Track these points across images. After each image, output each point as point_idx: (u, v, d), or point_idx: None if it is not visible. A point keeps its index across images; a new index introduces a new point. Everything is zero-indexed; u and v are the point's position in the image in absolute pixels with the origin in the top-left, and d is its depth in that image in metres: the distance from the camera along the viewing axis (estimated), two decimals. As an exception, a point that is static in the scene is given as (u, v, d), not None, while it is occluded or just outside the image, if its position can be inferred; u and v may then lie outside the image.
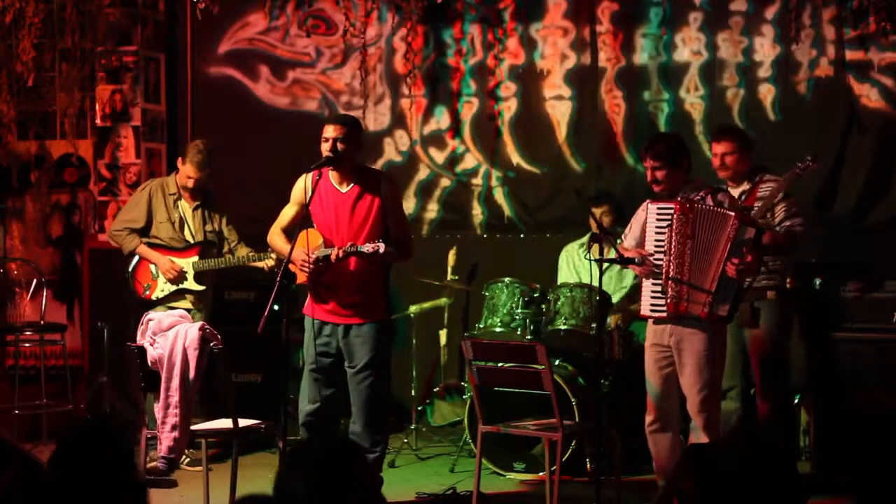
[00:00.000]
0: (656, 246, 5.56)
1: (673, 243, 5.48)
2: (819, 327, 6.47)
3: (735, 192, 6.16)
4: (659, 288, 5.52)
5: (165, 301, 6.94)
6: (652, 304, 5.57)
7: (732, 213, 5.43)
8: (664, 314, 5.53)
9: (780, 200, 6.18)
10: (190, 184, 6.99)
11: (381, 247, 5.55)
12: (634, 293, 7.09)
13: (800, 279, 6.50)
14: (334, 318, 5.79)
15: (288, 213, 5.95)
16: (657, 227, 5.56)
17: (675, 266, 5.47)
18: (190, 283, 7.00)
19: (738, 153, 6.29)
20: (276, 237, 5.95)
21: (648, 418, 5.64)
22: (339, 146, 5.70)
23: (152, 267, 7.01)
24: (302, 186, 5.89)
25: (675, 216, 5.47)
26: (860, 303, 6.36)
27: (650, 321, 5.64)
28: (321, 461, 2.85)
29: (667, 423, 5.61)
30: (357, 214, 5.76)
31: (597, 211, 6.94)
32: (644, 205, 5.69)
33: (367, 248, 5.58)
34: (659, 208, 5.57)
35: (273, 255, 6.73)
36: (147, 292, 6.99)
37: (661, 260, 5.52)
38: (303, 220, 5.73)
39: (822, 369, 6.46)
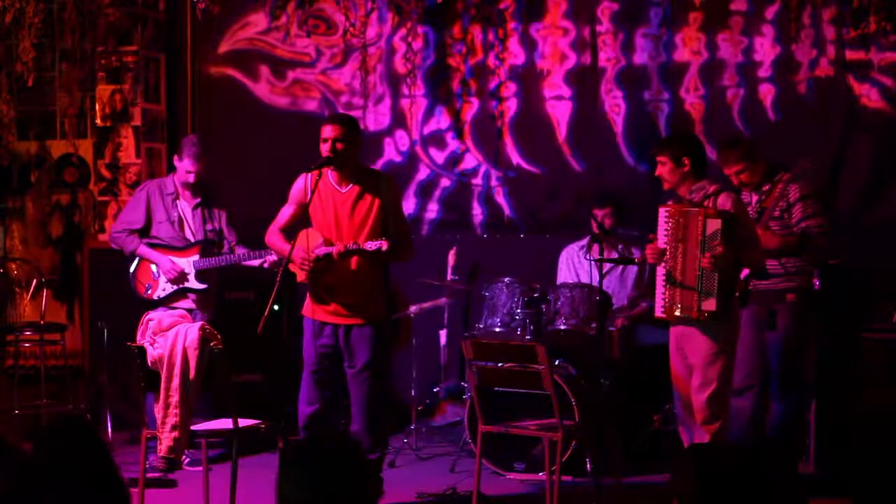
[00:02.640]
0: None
1: (668, 249, 5.55)
2: (829, 328, 6.46)
3: (753, 196, 6.19)
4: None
5: (167, 301, 6.94)
6: (662, 307, 5.63)
7: (696, 209, 5.47)
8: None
9: (798, 200, 6.15)
10: (191, 178, 6.99)
11: (385, 244, 5.54)
12: (637, 296, 7.11)
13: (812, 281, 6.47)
14: (335, 318, 5.78)
15: (286, 213, 5.94)
16: (664, 230, 5.61)
17: (669, 271, 5.54)
18: (192, 283, 7.00)
19: (748, 167, 6.26)
20: (274, 237, 5.96)
21: (677, 404, 5.71)
22: (338, 146, 5.69)
23: (153, 267, 7.01)
24: (301, 186, 5.88)
25: (669, 222, 5.54)
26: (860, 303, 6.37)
27: None
28: (321, 460, 2.84)
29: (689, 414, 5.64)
30: (357, 214, 5.75)
31: (599, 213, 6.95)
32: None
33: (371, 245, 5.57)
34: (665, 212, 5.62)
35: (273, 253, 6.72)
36: (149, 292, 6.99)
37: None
38: (302, 220, 5.73)
39: (827, 370, 6.45)
